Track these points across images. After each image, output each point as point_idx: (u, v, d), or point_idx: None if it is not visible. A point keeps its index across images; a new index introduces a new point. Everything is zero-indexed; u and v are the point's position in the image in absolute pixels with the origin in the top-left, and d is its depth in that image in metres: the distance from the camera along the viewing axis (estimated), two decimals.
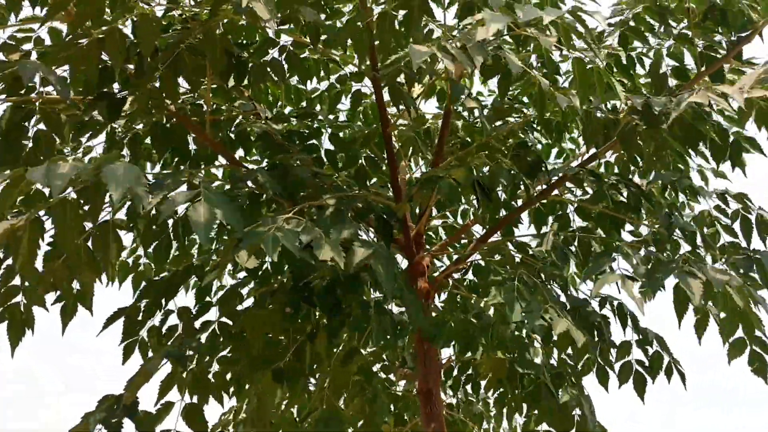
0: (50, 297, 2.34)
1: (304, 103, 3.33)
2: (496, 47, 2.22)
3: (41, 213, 1.92)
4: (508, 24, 1.93)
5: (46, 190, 2.77)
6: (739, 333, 2.46)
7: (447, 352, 3.27)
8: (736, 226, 2.85)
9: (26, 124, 2.60)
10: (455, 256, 2.90)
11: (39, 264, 2.05)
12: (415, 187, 2.41)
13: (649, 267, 2.30)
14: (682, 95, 2.09)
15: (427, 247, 3.34)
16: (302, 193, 2.79)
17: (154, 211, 2.32)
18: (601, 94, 2.13)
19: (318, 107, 3.37)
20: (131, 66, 2.54)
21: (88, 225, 2.04)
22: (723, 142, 2.47)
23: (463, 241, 3.26)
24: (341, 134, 3.06)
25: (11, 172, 1.71)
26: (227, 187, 3.01)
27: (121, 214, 2.42)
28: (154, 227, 2.45)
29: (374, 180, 3.15)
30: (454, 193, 2.37)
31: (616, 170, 3.21)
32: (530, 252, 2.96)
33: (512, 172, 2.51)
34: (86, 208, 1.92)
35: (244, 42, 2.77)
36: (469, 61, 2.00)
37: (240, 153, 3.11)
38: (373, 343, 2.44)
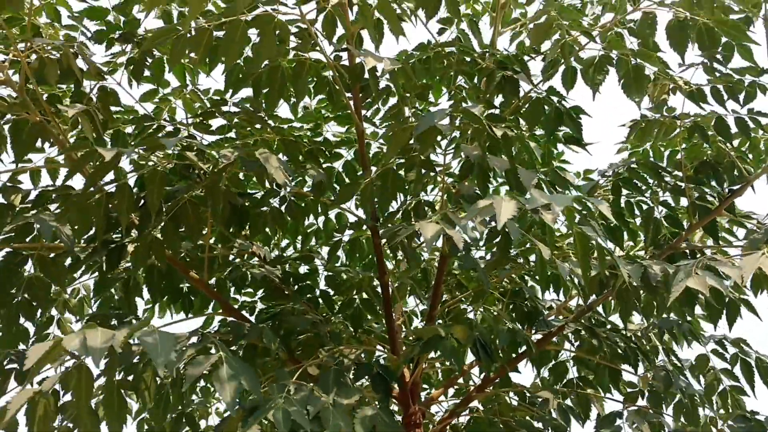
0: None
1: (300, 238, 3.34)
2: None
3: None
4: None
5: None
6: None
7: None
8: (737, 370, 2.87)
9: (20, 269, 2.59)
10: (452, 402, 2.87)
11: None
12: (415, 349, 2.39)
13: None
14: (680, 270, 2.10)
15: (427, 388, 3.31)
16: (298, 339, 2.80)
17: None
18: (602, 265, 2.15)
19: (314, 241, 3.37)
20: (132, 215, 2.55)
21: None
22: (719, 304, 2.50)
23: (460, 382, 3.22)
24: (338, 276, 3.05)
25: (50, 342, 1.68)
26: (220, 325, 3.01)
27: None
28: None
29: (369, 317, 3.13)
30: (456, 353, 2.37)
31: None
32: (527, 397, 2.93)
33: (508, 327, 2.52)
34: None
35: (246, 191, 2.80)
36: (472, 232, 2.06)
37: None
38: None
